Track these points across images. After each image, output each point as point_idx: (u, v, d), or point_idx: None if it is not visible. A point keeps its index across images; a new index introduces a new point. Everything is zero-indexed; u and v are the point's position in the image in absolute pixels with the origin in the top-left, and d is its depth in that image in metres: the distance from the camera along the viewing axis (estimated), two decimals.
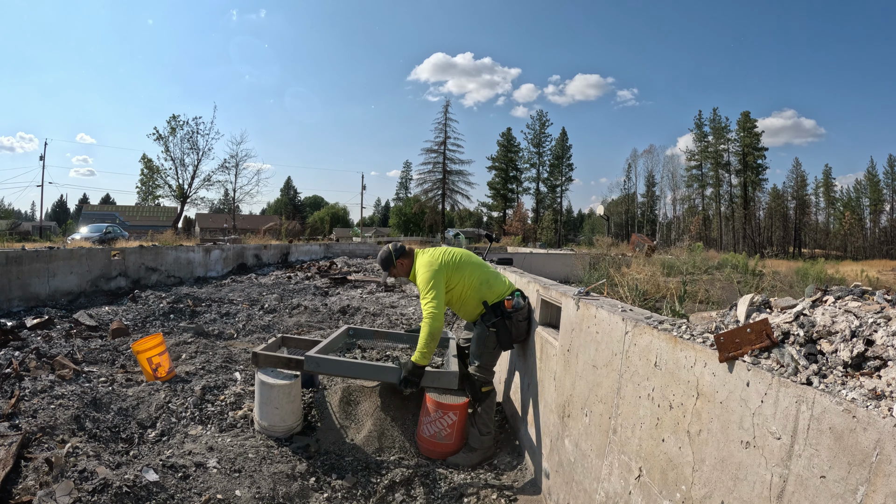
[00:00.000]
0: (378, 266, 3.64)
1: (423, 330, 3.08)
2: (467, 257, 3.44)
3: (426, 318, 3.08)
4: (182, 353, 4.87)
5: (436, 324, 3.06)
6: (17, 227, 28.18)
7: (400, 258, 3.50)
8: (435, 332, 3.07)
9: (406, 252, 3.52)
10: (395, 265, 3.51)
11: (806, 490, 1.06)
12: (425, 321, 3.08)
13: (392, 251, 3.51)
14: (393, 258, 3.50)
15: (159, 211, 53.53)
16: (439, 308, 3.11)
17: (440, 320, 3.09)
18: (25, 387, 3.37)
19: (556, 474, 2.59)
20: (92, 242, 17.14)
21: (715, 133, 62.61)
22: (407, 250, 3.53)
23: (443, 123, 57.96)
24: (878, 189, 63.74)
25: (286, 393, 3.28)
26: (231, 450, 2.98)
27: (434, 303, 3.12)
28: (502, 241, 34.64)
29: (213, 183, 36.06)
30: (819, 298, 1.42)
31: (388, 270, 3.55)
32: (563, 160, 66.58)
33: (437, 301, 3.13)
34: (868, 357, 1.10)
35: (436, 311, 3.09)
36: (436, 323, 3.06)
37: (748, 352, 1.31)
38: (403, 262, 3.50)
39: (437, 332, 3.08)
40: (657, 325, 1.77)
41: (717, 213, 63.03)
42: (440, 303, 3.14)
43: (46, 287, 8.05)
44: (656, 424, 1.66)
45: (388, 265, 3.52)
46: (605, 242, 19.41)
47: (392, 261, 3.50)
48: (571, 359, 2.50)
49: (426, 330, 3.07)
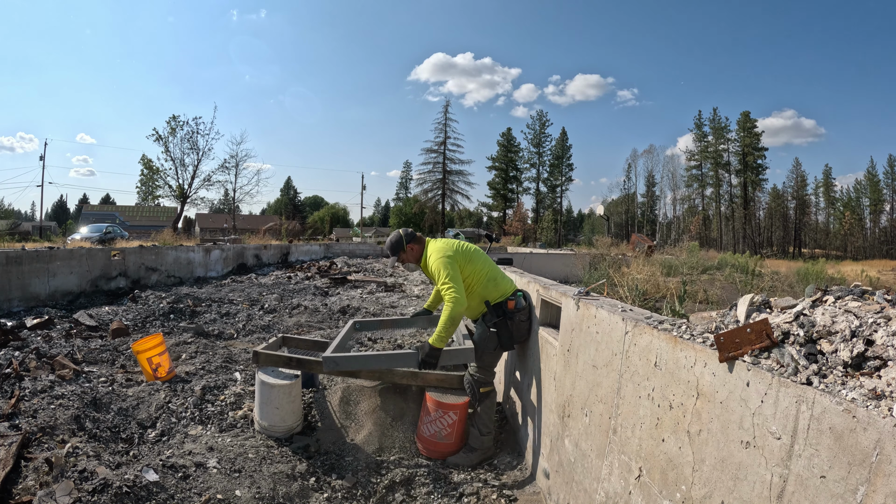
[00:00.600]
0: (386, 252, 3.53)
1: (445, 313, 3.03)
2: (479, 252, 3.41)
3: (448, 303, 3.03)
4: (182, 353, 4.87)
5: (458, 308, 3.01)
6: (17, 227, 28.17)
7: (411, 243, 3.40)
8: (456, 316, 3.02)
9: (417, 238, 3.42)
10: (406, 250, 3.39)
11: (806, 490, 1.06)
12: (447, 305, 3.03)
13: (403, 235, 3.41)
14: (403, 242, 3.39)
15: (159, 211, 53.53)
16: (461, 293, 3.04)
17: (463, 304, 3.03)
18: (25, 387, 3.37)
19: (557, 474, 2.59)
20: (92, 242, 17.14)
21: (715, 133, 62.62)
22: (418, 236, 3.44)
23: (443, 123, 58.03)
24: (878, 189, 63.74)
25: (286, 393, 3.28)
26: (231, 450, 2.98)
27: (455, 287, 3.05)
28: (502, 241, 34.62)
29: (213, 183, 35.99)
30: (819, 298, 1.43)
31: (398, 255, 3.42)
32: (563, 160, 66.56)
33: (457, 285, 3.06)
34: (868, 357, 1.10)
35: (457, 295, 3.02)
36: (458, 307, 3.01)
37: (748, 352, 1.31)
38: (414, 248, 3.40)
39: (458, 318, 3.04)
40: (657, 325, 1.77)
41: (717, 213, 63.03)
42: (461, 287, 3.07)
43: (46, 287, 8.05)
44: (656, 424, 1.66)
45: (398, 250, 3.40)
46: (605, 242, 19.42)
47: (402, 245, 3.39)
48: (571, 359, 2.50)
49: (447, 313, 3.01)
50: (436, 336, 3.07)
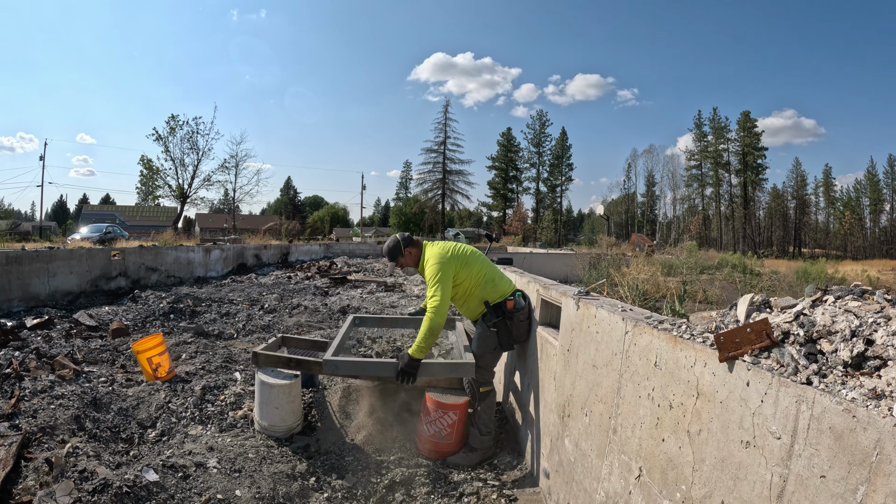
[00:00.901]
0: (384, 258, 3.50)
1: (424, 324, 3.03)
2: (476, 254, 3.39)
3: (429, 313, 3.03)
4: (182, 353, 4.87)
5: (437, 319, 3.01)
6: (16, 227, 28.18)
7: (408, 247, 3.36)
8: (435, 327, 3.01)
9: (414, 241, 3.39)
10: (404, 254, 3.36)
11: (806, 490, 1.06)
12: (427, 315, 3.03)
13: (400, 240, 3.37)
14: (401, 247, 3.35)
15: (159, 211, 53.53)
16: (444, 303, 3.04)
17: (443, 316, 3.03)
18: (25, 387, 3.37)
19: (557, 474, 2.59)
20: (92, 242, 17.14)
21: (715, 133, 62.61)
22: (415, 240, 3.40)
23: (443, 123, 58.01)
24: (878, 189, 63.72)
25: (286, 393, 3.28)
26: (231, 450, 2.98)
27: (439, 296, 3.04)
28: (502, 241, 34.63)
29: (212, 183, 36.04)
30: (819, 298, 1.42)
31: (396, 260, 3.38)
32: (563, 160, 66.56)
33: (442, 295, 3.05)
34: (868, 357, 1.10)
35: (439, 305, 3.02)
36: (437, 318, 3.01)
37: (748, 351, 1.31)
38: (412, 252, 3.37)
39: (438, 329, 3.03)
40: (657, 324, 1.77)
41: (717, 212, 63.03)
42: (445, 297, 3.06)
43: (46, 287, 8.05)
44: (656, 424, 1.66)
45: (396, 255, 3.36)
46: (605, 242, 19.43)
47: (400, 250, 3.35)
48: (571, 358, 2.50)
49: (427, 325, 3.01)
50: (415, 346, 3.04)
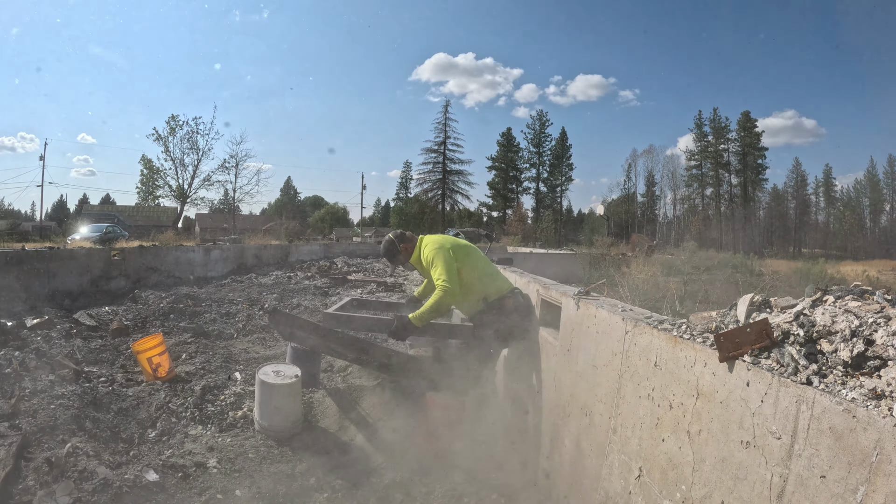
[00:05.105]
0: (383, 259, 3.54)
1: (434, 296, 3.01)
2: (475, 248, 3.42)
3: (438, 290, 3.01)
4: (182, 353, 4.87)
5: (448, 297, 2.99)
6: (17, 227, 28.18)
7: (403, 244, 3.39)
8: (443, 304, 3.00)
9: (407, 237, 3.42)
10: (401, 251, 3.38)
11: (806, 490, 1.06)
12: (437, 291, 3.02)
13: (394, 238, 3.40)
14: (397, 245, 3.37)
15: (159, 211, 53.46)
16: (452, 282, 3.01)
17: (452, 296, 3.00)
18: (25, 387, 3.37)
19: (556, 474, 2.59)
20: (92, 242, 17.15)
21: (715, 133, 62.55)
22: (408, 235, 3.44)
23: (443, 123, 58.06)
24: (878, 189, 63.62)
25: (287, 393, 3.28)
26: (231, 450, 2.98)
27: (446, 275, 3.03)
28: (502, 240, 34.61)
29: (212, 183, 36.13)
30: (819, 298, 1.42)
31: (395, 259, 3.40)
32: (563, 160, 66.49)
33: (449, 274, 3.03)
34: (868, 357, 1.10)
35: (448, 284, 3.00)
36: (447, 297, 2.99)
37: (748, 351, 1.31)
38: (408, 247, 3.39)
39: (445, 306, 3.03)
40: (657, 324, 1.77)
41: (718, 213, 62.98)
42: (452, 276, 3.04)
43: (46, 287, 8.05)
44: (656, 424, 1.66)
45: (394, 253, 3.38)
46: (605, 242, 19.43)
47: (396, 247, 3.37)
48: (571, 358, 2.50)
49: (435, 299, 3.00)
50: (418, 313, 3.06)
